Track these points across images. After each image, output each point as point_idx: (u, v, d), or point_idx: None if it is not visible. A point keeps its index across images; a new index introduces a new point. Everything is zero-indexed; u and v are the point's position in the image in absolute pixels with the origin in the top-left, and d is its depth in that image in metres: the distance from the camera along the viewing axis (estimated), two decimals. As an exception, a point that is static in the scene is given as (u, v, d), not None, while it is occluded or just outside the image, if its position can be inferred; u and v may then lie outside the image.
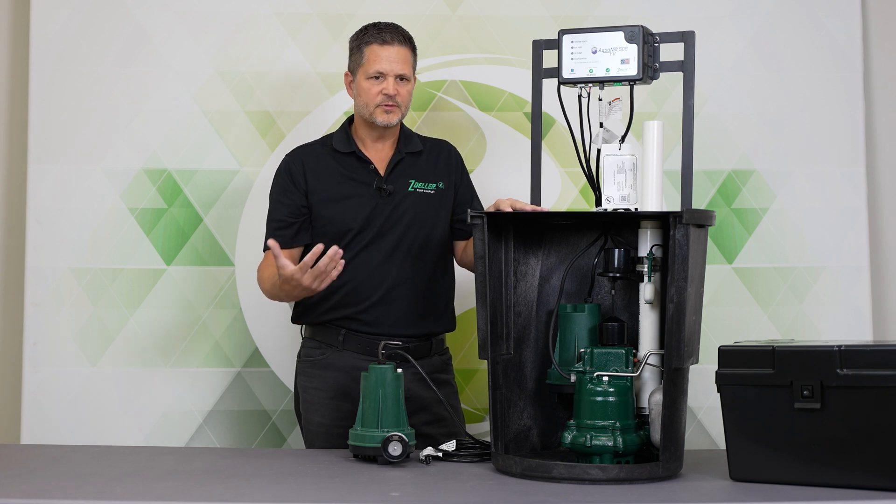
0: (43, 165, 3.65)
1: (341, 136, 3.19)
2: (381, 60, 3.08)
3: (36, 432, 3.60)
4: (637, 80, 2.64)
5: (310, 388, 3.17)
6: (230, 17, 3.70)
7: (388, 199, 3.12)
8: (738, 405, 2.45)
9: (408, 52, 3.12)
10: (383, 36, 3.10)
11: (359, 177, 3.14)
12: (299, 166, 3.16)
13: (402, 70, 3.09)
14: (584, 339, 2.66)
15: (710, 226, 2.64)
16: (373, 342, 3.04)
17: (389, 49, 3.09)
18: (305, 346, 3.21)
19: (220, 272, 3.67)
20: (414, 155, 3.19)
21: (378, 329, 3.10)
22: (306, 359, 3.19)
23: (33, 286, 3.63)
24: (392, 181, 3.13)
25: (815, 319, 3.71)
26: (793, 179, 3.74)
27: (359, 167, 3.15)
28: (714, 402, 2.57)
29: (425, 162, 3.20)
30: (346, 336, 3.12)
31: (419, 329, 3.13)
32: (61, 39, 3.66)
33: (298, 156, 3.19)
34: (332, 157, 3.17)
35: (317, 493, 2.37)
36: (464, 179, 3.27)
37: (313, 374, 3.16)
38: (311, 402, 3.16)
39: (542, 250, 2.79)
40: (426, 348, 3.15)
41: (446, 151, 3.27)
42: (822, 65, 3.76)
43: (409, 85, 3.12)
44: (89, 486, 2.40)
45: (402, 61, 3.10)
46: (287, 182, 3.16)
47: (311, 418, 3.15)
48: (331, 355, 3.14)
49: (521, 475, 2.49)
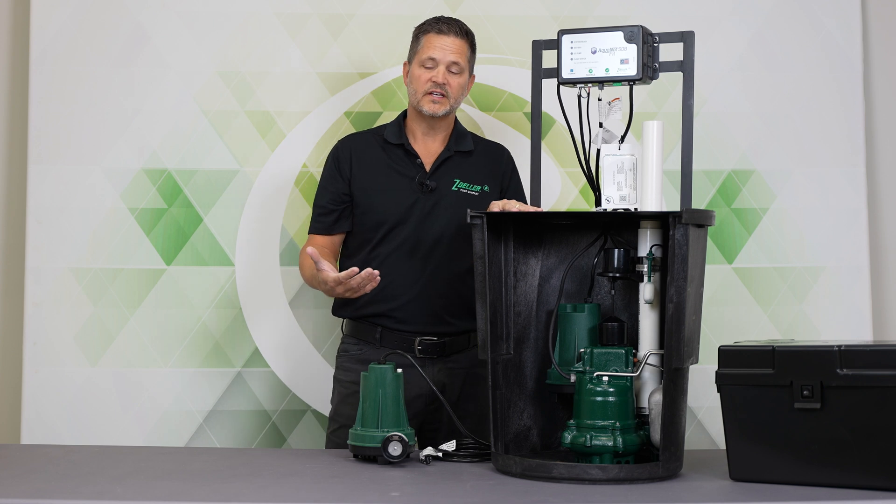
0: (43, 165, 3.65)
1: (393, 128, 3.21)
2: (434, 48, 3.10)
3: (36, 432, 3.60)
4: (636, 80, 2.64)
5: (345, 382, 3.20)
6: (230, 17, 3.70)
7: (429, 195, 3.13)
8: (738, 405, 2.45)
9: (464, 45, 3.13)
10: (440, 26, 3.13)
11: (403, 170, 3.16)
12: (347, 153, 3.19)
13: (455, 58, 3.10)
14: (583, 339, 2.66)
15: (709, 226, 2.64)
16: (409, 339, 3.11)
17: (445, 38, 3.10)
18: (345, 342, 3.25)
19: (220, 272, 3.67)
20: (463, 154, 3.20)
21: (412, 327, 3.12)
22: (344, 353, 3.23)
23: (33, 286, 3.63)
24: (436, 178, 3.14)
25: (815, 319, 3.71)
26: (793, 179, 3.74)
27: (405, 160, 3.17)
28: (714, 402, 2.57)
29: (474, 163, 3.20)
30: (382, 333, 3.14)
31: (453, 327, 3.15)
32: (61, 39, 3.66)
33: (348, 143, 3.23)
34: (382, 147, 3.19)
35: (317, 493, 2.37)
36: (512, 185, 3.26)
37: (350, 368, 3.19)
38: (345, 394, 3.19)
39: (542, 250, 2.79)
40: (464, 342, 3.16)
41: (498, 155, 3.27)
42: (821, 65, 3.76)
43: (461, 77, 3.13)
44: (89, 486, 2.40)
45: (456, 51, 3.11)
46: (333, 169, 3.19)
47: (341, 410, 3.19)
48: (367, 351, 3.16)
49: (521, 475, 2.49)
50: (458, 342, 3.16)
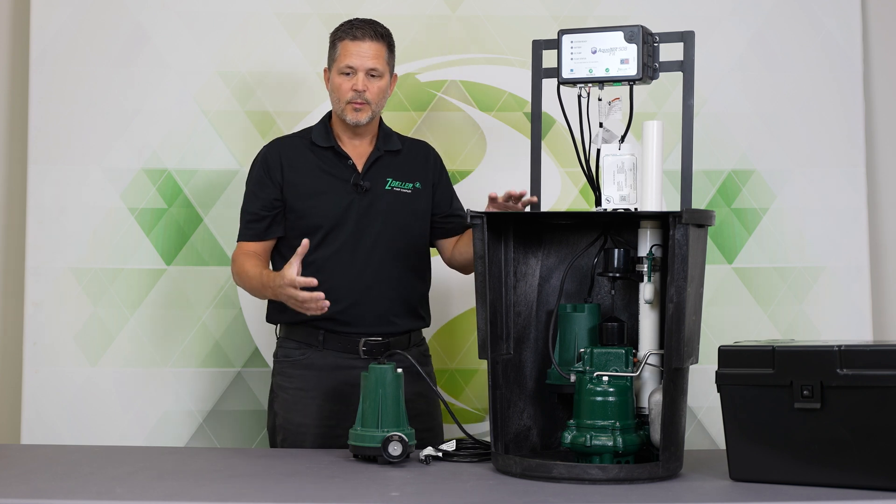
0: (43, 165, 3.65)
1: (320, 130, 3.18)
2: (351, 55, 3.07)
3: (36, 432, 3.60)
4: (637, 80, 2.64)
5: (290, 389, 3.14)
6: (230, 17, 3.70)
7: (364, 195, 3.11)
8: (738, 405, 2.45)
9: (381, 48, 3.09)
10: (355, 32, 3.08)
11: (336, 172, 3.13)
12: (276, 158, 3.15)
13: (373, 65, 3.07)
14: (583, 339, 2.66)
15: (709, 226, 2.64)
16: (353, 340, 3.07)
17: (360, 44, 3.07)
18: (283, 347, 3.17)
19: (220, 272, 3.66)
20: (392, 153, 3.18)
21: (356, 329, 3.09)
22: (285, 359, 3.16)
23: (33, 286, 3.63)
24: (369, 178, 3.12)
25: (815, 319, 3.71)
26: (793, 179, 3.74)
27: (336, 162, 3.14)
28: (714, 402, 2.57)
29: (403, 161, 3.19)
30: (325, 336, 3.10)
31: (397, 327, 3.13)
32: (61, 39, 3.66)
33: (276, 147, 3.19)
34: (311, 150, 3.16)
35: (317, 493, 2.37)
36: (442, 179, 3.25)
37: (293, 375, 3.13)
38: (291, 401, 3.13)
39: (542, 250, 2.79)
40: (405, 341, 3.14)
41: (425, 152, 3.26)
42: (821, 65, 3.76)
43: (380, 81, 3.09)
44: (89, 486, 2.40)
45: (374, 56, 3.07)
46: (262, 174, 3.15)
47: (290, 418, 3.12)
48: (311, 355, 3.12)
49: (521, 475, 2.49)
50: (401, 342, 3.13)
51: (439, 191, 3.23)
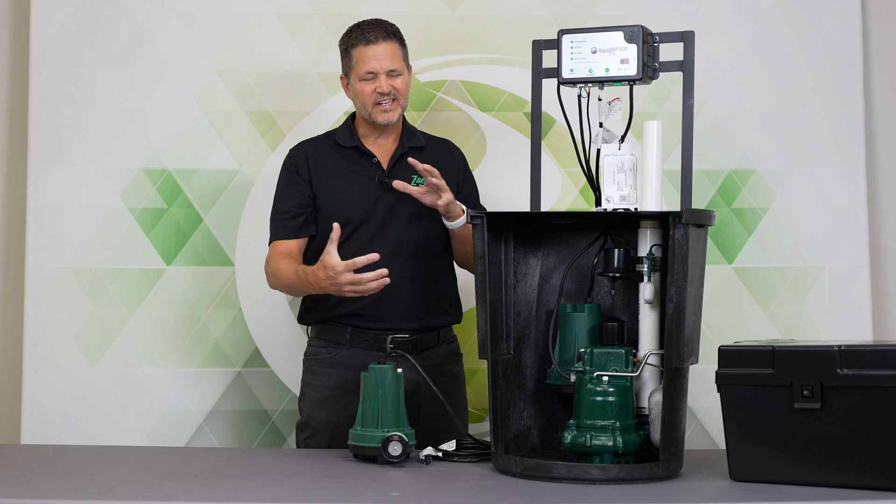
0: (43, 165, 3.65)
1: (344, 132, 3.20)
2: (369, 60, 3.08)
3: (36, 432, 3.60)
4: (637, 80, 2.64)
5: (316, 386, 3.17)
6: (230, 17, 3.70)
7: (389, 192, 3.12)
8: (738, 405, 2.45)
9: (395, 46, 3.11)
10: (367, 36, 3.09)
11: (361, 170, 3.16)
12: (303, 158, 3.18)
13: (392, 65, 3.09)
14: (583, 339, 2.66)
15: (709, 226, 2.64)
16: (380, 337, 3.08)
17: (375, 48, 3.09)
18: (312, 346, 3.21)
19: (220, 272, 3.67)
20: (417, 150, 3.20)
21: (383, 324, 3.10)
22: (313, 357, 3.20)
23: (33, 286, 3.63)
24: (394, 175, 3.14)
25: (814, 319, 3.71)
26: (793, 179, 3.74)
27: (361, 160, 3.17)
28: (714, 402, 2.57)
29: (428, 159, 3.19)
30: (352, 333, 3.12)
31: (424, 323, 3.14)
32: (61, 39, 3.66)
33: (301, 149, 3.22)
34: (335, 150, 3.19)
35: (317, 493, 2.37)
36: (467, 181, 3.27)
37: (320, 373, 3.17)
38: (317, 399, 3.16)
39: (542, 250, 2.79)
40: (433, 338, 3.16)
41: (450, 151, 3.28)
42: (821, 65, 3.76)
43: (402, 78, 3.12)
44: (89, 486, 2.40)
45: (391, 56, 3.10)
46: (293, 174, 3.17)
47: (316, 416, 3.15)
48: (339, 353, 3.14)
49: (521, 475, 2.49)
50: (428, 339, 3.15)
51: (464, 191, 3.24)
